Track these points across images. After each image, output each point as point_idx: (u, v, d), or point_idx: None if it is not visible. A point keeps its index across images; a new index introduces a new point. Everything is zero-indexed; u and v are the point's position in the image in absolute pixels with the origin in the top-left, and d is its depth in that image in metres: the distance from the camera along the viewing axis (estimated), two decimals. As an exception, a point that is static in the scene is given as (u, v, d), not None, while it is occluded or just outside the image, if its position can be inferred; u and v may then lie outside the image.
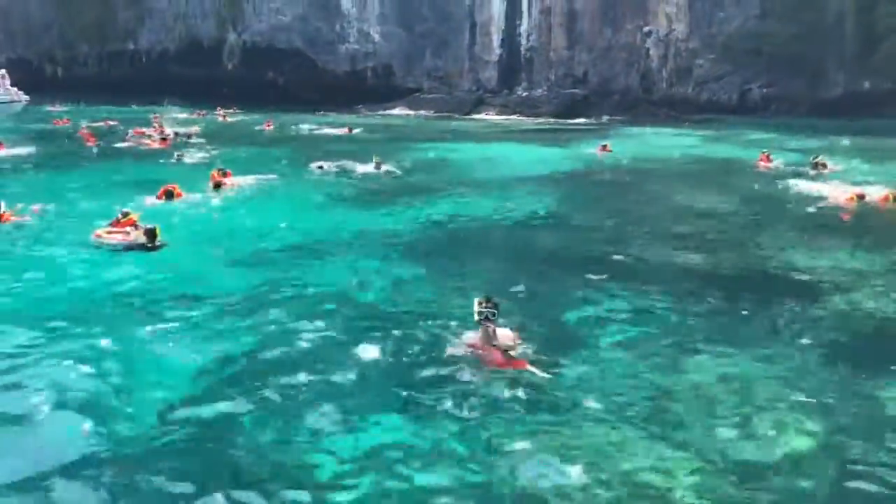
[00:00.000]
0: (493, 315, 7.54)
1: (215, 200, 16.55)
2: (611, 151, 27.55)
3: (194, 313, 8.81)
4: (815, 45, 48.68)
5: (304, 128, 38.95)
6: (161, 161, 23.54)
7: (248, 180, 18.98)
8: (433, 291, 9.93)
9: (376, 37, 61.30)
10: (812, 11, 48.22)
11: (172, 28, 64.95)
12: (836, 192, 17.92)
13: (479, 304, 7.58)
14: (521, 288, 10.11)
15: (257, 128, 38.29)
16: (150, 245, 11.67)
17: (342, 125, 39.74)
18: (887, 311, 9.41)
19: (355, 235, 13.56)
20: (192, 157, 24.29)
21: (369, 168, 21.96)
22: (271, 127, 37.91)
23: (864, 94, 47.39)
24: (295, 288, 9.99)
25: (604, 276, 10.80)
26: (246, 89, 57.93)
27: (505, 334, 7.55)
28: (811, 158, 23.40)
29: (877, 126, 38.81)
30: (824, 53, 48.82)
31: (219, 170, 18.85)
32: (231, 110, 49.11)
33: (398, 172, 22.11)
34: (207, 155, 25.07)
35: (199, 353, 7.59)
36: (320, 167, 22.14)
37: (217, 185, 17.43)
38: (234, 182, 18.32)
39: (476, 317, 7.56)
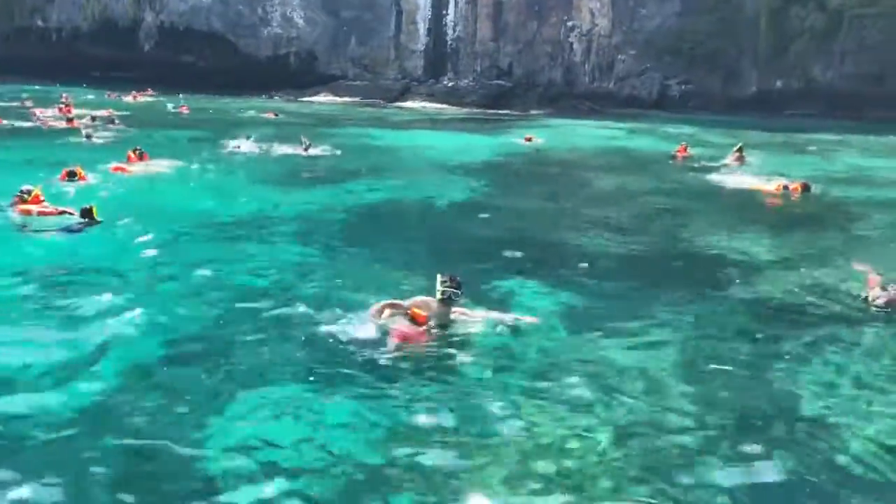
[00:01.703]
0: (457, 295, 7.34)
1: (123, 181, 15.75)
2: (535, 141, 27.68)
3: (104, 298, 8.26)
4: (731, 43, 50.24)
5: (224, 111, 37.83)
6: (69, 141, 22.36)
7: (161, 162, 18.18)
8: (355, 275, 9.64)
9: (300, 21, 60.07)
10: (728, 11, 49.71)
11: (85, 6, 61.99)
12: (755, 182, 18.47)
13: (443, 282, 7.35)
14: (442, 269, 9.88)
15: (173, 109, 36.96)
16: (88, 223, 11.07)
17: (265, 110, 38.77)
18: (800, 293, 9.61)
19: (279, 217, 13.18)
20: (102, 137, 23.15)
21: (297, 150, 21.61)
22: (187, 111, 36.63)
23: (776, 92, 49.19)
24: (215, 271, 9.52)
25: (524, 260, 10.83)
26: (163, 72, 55.78)
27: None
28: (733, 148, 24.00)
29: (786, 124, 40.37)
30: (740, 52, 50.44)
31: (135, 150, 18.01)
32: (146, 93, 47.25)
33: (326, 155, 21.76)
34: (118, 136, 23.94)
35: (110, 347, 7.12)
36: (238, 147, 21.56)
37: (120, 169, 16.49)
38: (147, 164, 17.53)
39: (438, 295, 7.32)
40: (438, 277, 7.45)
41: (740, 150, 23.32)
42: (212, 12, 59.52)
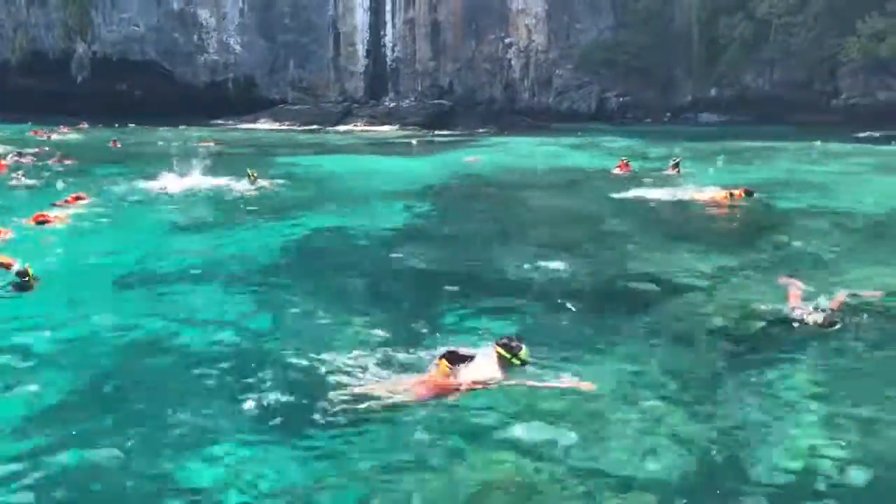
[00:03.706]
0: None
1: (48, 233, 14.96)
2: (479, 162, 27.77)
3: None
4: (665, 55, 51.48)
5: (161, 143, 37.05)
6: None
7: (92, 207, 17.43)
8: (304, 322, 9.42)
9: (237, 47, 59.55)
10: (661, 23, 50.94)
11: (12, 39, 60.31)
12: (697, 193, 18.81)
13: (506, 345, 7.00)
14: (390, 303, 9.84)
15: (108, 144, 36.07)
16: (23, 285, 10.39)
17: (204, 139, 38.12)
18: (748, 304, 9.73)
19: (220, 259, 12.77)
20: (29, 180, 22.30)
21: (241, 183, 21.08)
22: (119, 145, 35.77)
23: (711, 100, 50.51)
24: (152, 329, 9.15)
25: (470, 290, 10.68)
26: (97, 103, 54.56)
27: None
28: (670, 161, 24.46)
29: (723, 131, 41.40)
30: (674, 63, 51.71)
31: (71, 195, 17.40)
32: (80, 126, 46.07)
33: (270, 187, 21.33)
34: (45, 177, 23.07)
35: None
36: (165, 188, 20.52)
37: (42, 222, 14.98)
38: (75, 208, 16.83)
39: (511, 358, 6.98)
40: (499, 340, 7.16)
41: (677, 163, 23.86)
42: (146, 41, 58.56)
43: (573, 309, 9.79)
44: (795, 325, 8.86)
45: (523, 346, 7.10)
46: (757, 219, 16.73)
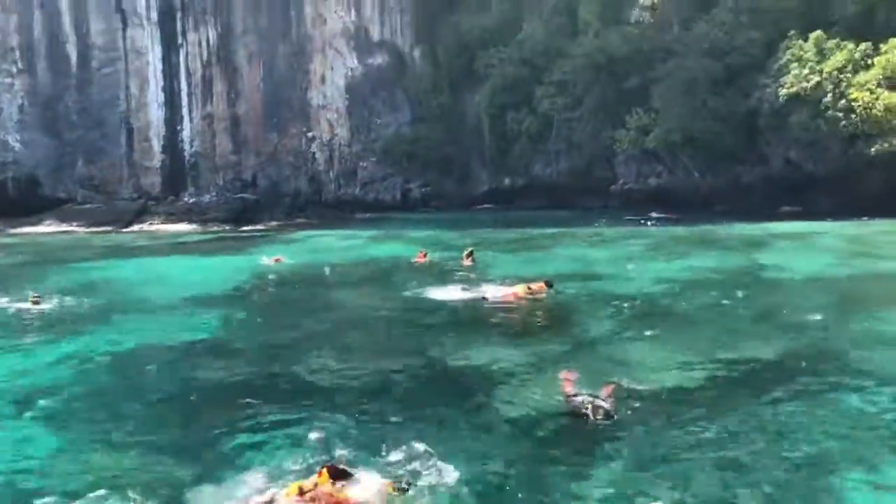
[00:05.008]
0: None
1: None
2: (282, 261, 27.43)
3: None
4: (461, 148, 54.45)
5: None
6: None
7: None
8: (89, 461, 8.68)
9: (16, 146, 55.55)
10: (454, 119, 53.98)
11: None
12: (494, 288, 19.49)
13: None
14: (187, 429, 9.47)
15: None
16: None
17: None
18: (533, 399, 10.26)
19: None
20: None
21: (23, 305, 19.09)
22: None
23: (505, 189, 53.70)
24: None
25: (270, 398, 10.64)
26: None
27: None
28: (464, 252, 25.51)
29: (518, 217, 44.09)
30: (470, 155, 54.72)
31: None
32: None
33: (54, 304, 19.50)
34: None
35: None
36: None
37: None
38: None
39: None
40: None
41: (470, 253, 25.11)
42: None
43: (381, 409, 9.96)
44: (573, 418, 9.51)
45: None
46: (548, 309, 17.71)
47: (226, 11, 57.05)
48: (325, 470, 7.04)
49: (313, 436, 9.10)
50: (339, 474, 7.05)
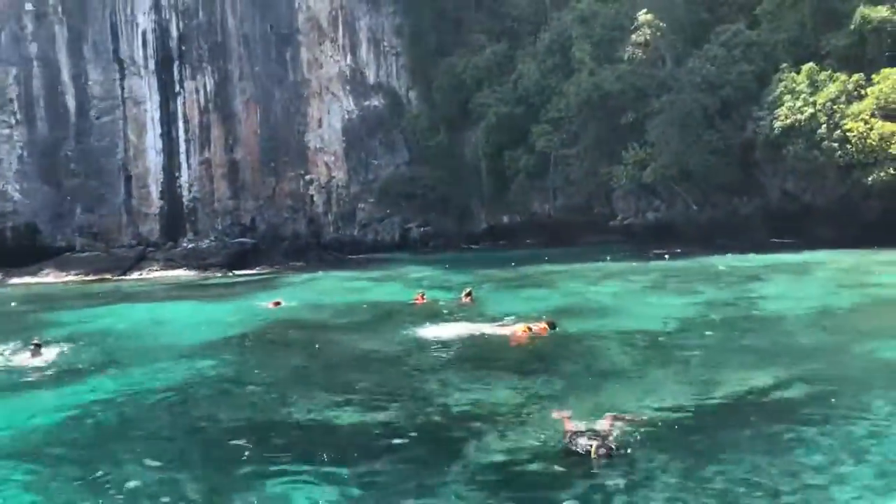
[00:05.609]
0: None
1: None
2: (282, 305, 27.29)
3: None
4: (459, 187, 54.59)
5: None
6: None
7: None
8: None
9: (16, 195, 55.81)
10: (451, 158, 54.22)
11: None
12: (495, 327, 19.38)
13: None
14: (196, 471, 9.45)
15: None
16: None
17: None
18: (532, 441, 10.08)
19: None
20: None
21: (23, 356, 18.91)
22: None
23: (504, 227, 53.77)
24: None
25: (275, 445, 10.63)
26: None
27: None
28: (462, 293, 25.44)
29: (518, 255, 44.01)
30: (468, 194, 54.84)
31: None
32: None
33: (56, 354, 19.32)
34: None
35: None
36: None
37: None
38: None
39: None
40: None
41: (469, 292, 25.04)
42: None
43: (384, 453, 10.00)
44: (574, 457, 9.37)
45: None
46: (548, 347, 17.55)
47: (222, 59, 57.67)
48: None
49: (307, 482, 9.00)
50: None
